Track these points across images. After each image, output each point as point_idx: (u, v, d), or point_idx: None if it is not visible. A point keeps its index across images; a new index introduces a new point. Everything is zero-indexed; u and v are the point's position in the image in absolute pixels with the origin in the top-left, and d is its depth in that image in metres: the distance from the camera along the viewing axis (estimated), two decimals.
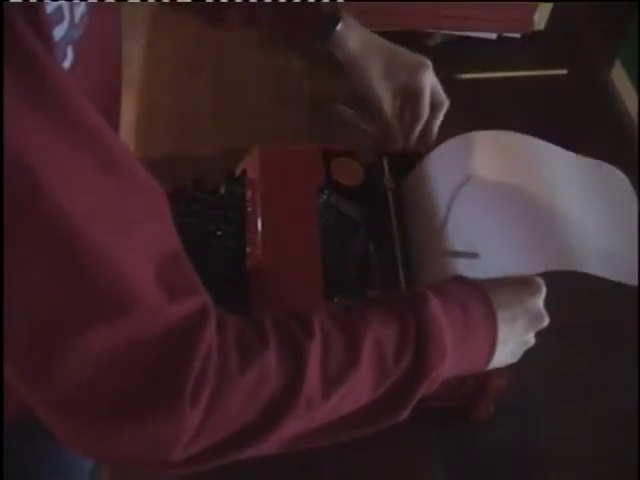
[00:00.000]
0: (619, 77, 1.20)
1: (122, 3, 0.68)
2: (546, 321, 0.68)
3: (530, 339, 0.69)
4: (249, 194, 0.86)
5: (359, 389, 0.57)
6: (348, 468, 0.79)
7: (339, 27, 0.84)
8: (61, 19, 0.49)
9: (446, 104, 0.88)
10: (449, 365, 0.60)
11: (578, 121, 1.10)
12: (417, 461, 0.80)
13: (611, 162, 1.07)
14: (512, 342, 0.66)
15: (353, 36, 0.85)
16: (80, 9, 0.53)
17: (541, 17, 1.18)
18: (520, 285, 0.67)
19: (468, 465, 0.81)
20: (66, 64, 0.52)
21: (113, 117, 0.72)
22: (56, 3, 0.48)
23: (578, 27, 1.25)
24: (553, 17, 1.18)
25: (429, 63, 0.86)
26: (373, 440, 0.75)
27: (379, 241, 0.84)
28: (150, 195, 0.52)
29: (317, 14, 0.84)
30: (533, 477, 0.81)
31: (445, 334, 0.59)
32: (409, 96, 0.86)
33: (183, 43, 0.91)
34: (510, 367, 0.74)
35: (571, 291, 0.91)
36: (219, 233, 0.85)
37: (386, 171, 0.89)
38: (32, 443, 0.75)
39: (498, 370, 0.74)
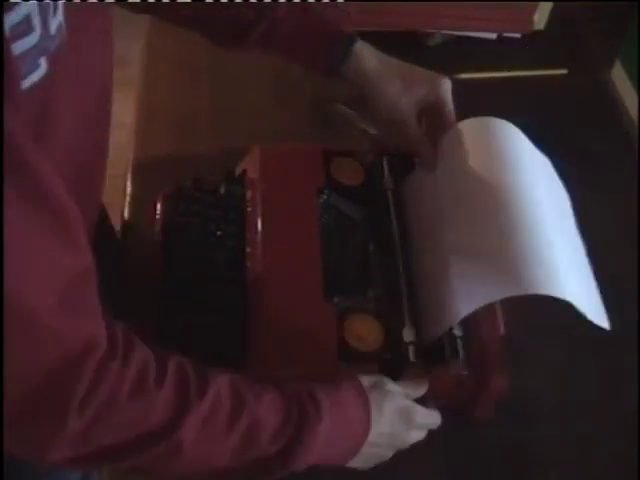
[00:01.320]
0: (619, 77, 1.20)
1: (115, 5, 0.68)
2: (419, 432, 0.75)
3: (403, 444, 0.74)
4: (249, 194, 0.86)
5: (219, 455, 0.63)
6: (348, 468, 0.79)
7: (356, 46, 0.83)
8: (28, 30, 0.49)
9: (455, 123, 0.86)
10: (305, 464, 0.66)
11: (578, 121, 1.10)
12: (417, 461, 0.80)
13: (611, 162, 1.07)
14: (381, 446, 0.72)
15: (369, 56, 0.84)
16: (57, 20, 0.53)
17: (541, 17, 1.18)
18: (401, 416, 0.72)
19: (468, 465, 0.81)
20: (37, 76, 0.52)
21: (104, 119, 0.72)
22: (23, 13, 0.48)
23: (578, 27, 1.25)
24: (553, 17, 1.18)
25: (446, 78, 0.85)
26: None
27: (379, 241, 0.84)
28: (59, 217, 0.52)
29: (333, 36, 0.83)
30: (533, 477, 0.81)
31: (314, 452, 0.65)
32: (432, 109, 0.85)
33: (183, 43, 0.91)
34: (510, 367, 0.75)
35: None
36: (219, 233, 0.85)
37: (386, 171, 0.89)
38: None
39: (498, 370, 0.74)
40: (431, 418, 0.75)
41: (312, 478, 0.78)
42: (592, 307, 0.72)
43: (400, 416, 0.72)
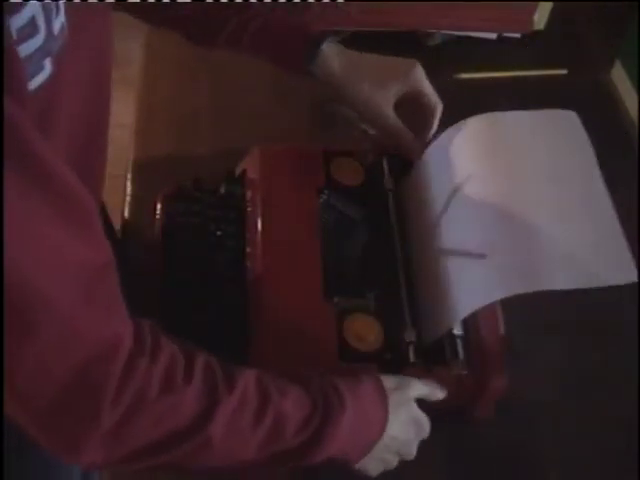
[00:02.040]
0: (619, 77, 1.20)
1: (113, 5, 0.68)
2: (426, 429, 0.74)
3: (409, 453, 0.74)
4: (249, 194, 0.86)
5: (245, 449, 0.63)
6: (346, 467, 0.79)
7: (324, 47, 0.83)
8: (34, 32, 0.50)
9: (440, 107, 0.86)
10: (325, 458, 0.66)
11: None
12: (417, 461, 0.80)
13: (611, 162, 1.07)
14: (388, 454, 0.72)
15: (337, 55, 0.84)
16: (59, 20, 0.53)
17: (541, 17, 1.18)
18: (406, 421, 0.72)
19: (468, 465, 0.81)
20: (42, 77, 0.52)
21: (103, 118, 0.72)
22: (28, 15, 0.48)
23: (578, 27, 1.25)
24: (553, 17, 1.18)
25: (417, 63, 0.85)
26: None
27: (379, 241, 0.84)
28: (77, 210, 0.52)
29: (300, 36, 0.84)
30: (533, 477, 0.81)
31: (336, 444, 0.65)
32: (410, 98, 0.85)
33: (183, 43, 0.91)
34: (510, 367, 0.75)
35: (571, 290, 0.92)
36: (219, 233, 0.85)
37: (386, 171, 0.89)
38: (20, 442, 0.76)
39: (498, 370, 0.74)
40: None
41: (312, 477, 0.78)
42: (606, 269, 0.70)
43: (414, 425, 0.72)
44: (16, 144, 0.46)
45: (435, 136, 0.87)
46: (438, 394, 0.74)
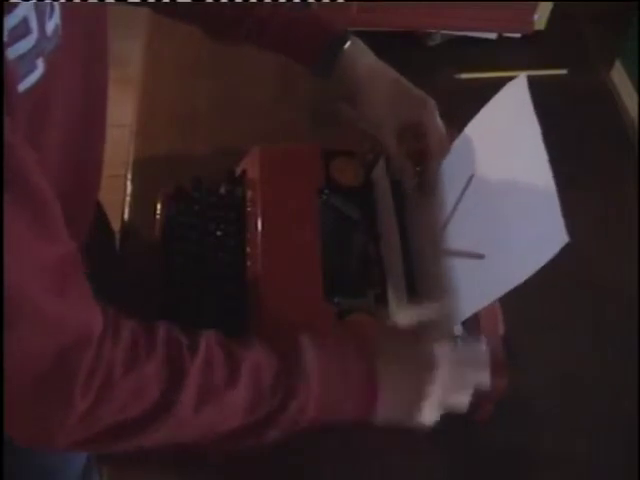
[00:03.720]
0: (619, 77, 1.20)
1: (110, 5, 0.68)
2: (441, 365, 0.67)
3: (426, 386, 0.67)
4: (249, 194, 0.86)
5: (232, 410, 0.62)
6: (348, 468, 0.79)
7: (347, 46, 0.82)
8: (26, 32, 0.50)
9: (449, 147, 0.84)
10: (317, 401, 0.64)
11: (578, 121, 1.10)
12: (417, 461, 0.80)
13: (611, 162, 1.07)
14: (401, 383, 0.67)
15: (361, 58, 0.83)
16: (53, 21, 0.53)
17: (541, 17, 1.18)
18: (399, 330, 0.70)
19: (468, 465, 0.81)
20: (35, 76, 0.53)
21: (99, 116, 0.72)
22: (20, 16, 0.49)
23: (578, 27, 1.25)
24: (553, 17, 1.18)
25: (433, 102, 0.83)
26: (373, 439, 0.75)
27: (379, 241, 0.84)
28: (38, 205, 0.52)
29: (327, 33, 0.83)
30: (533, 477, 0.81)
31: (315, 375, 0.63)
32: (415, 129, 0.84)
33: (183, 43, 0.91)
34: (510, 367, 0.75)
35: (571, 291, 0.92)
36: (219, 233, 0.85)
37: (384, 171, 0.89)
38: (17, 446, 0.76)
39: (498, 370, 0.74)
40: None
41: (313, 478, 0.78)
42: (542, 245, 0.68)
43: (413, 356, 0.69)
44: None
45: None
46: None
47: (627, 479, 0.80)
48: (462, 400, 0.70)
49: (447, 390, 0.68)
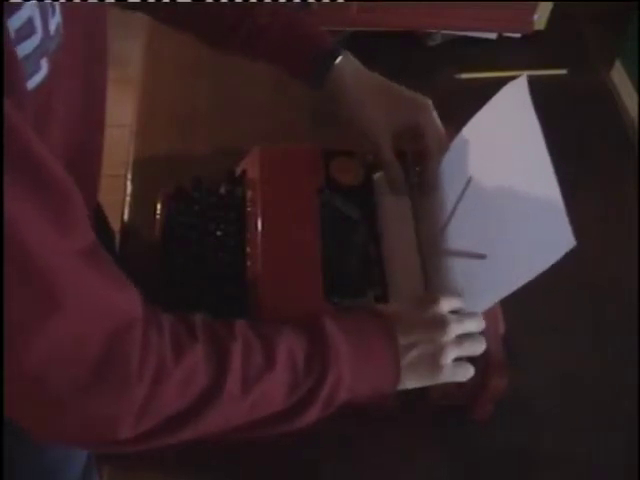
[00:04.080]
0: (619, 77, 1.20)
1: (128, 4, 0.69)
2: (451, 324, 0.70)
3: (441, 344, 0.70)
4: (249, 194, 0.86)
5: (274, 390, 0.63)
6: (348, 466, 0.79)
7: (338, 61, 0.83)
8: (31, 32, 0.50)
9: (447, 148, 0.85)
10: (348, 380, 0.65)
11: (578, 121, 1.10)
12: (417, 460, 0.80)
13: (611, 162, 1.07)
14: (417, 350, 0.69)
15: (351, 72, 0.83)
16: (55, 20, 0.53)
17: (541, 17, 1.18)
18: (414, 302, 0.73)
19: (468, 465, 0.81)
20: (39, 76, 0.53)
21: (99, 116, 0.72)
22: (25, 16, 0.49)
23: (578, 27, 1.25)
24: (553, 17, 1.18)
25: (429, 102, 0.84)
26: (373, 439, 0.75)
27: (379, 241, 0.84)
28: (65, 193, 0.52)
29: (317, 47, 0.84)
30: (532, 477, 0.81)
31: (341, 347, 0.65)
32: (412, 133, 0.84)
33: (183, 43, 0.91)
34: (510, 367, 0.75)
35: (571, 291, 0.92)
36: (219, 233, 0.85)
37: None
38: (18, 445, 0.76)
39: (498, 370, 0.74)
40: (466, 323, 0.72)
41: (312, 476, 0.78)
42: (549, 247, 0.69)
43: (429, 321, 0.71)
44: (14, 145, 0.46)
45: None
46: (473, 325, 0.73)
47: (627, 479, 0.80)
48: (478, 347, 0.72)
49: (460, 342, 0.71)
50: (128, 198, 0.98)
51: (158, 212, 0.88)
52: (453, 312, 0.73)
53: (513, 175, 0.76)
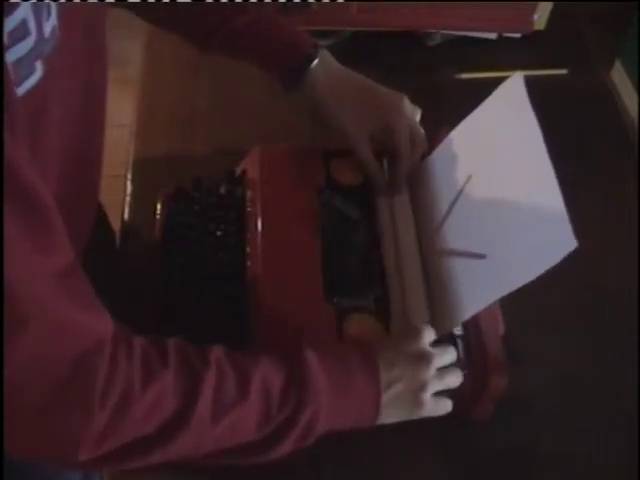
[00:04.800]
0: (619, 77, 1.20)
1: (115, 3, 0.69)
2: (434, 360, 0.71)
3: (423, 380, 0.70)
4: (249, 194, 0.86)
5: (244, 423, 0.62)
6: (348, 468, 0.79)
7: (313, 65, 0.83)
8: (25, 35, 0.50)
9: (423, 145, 0.86)
10: (326, 414, 0.65)
11: (578, 121, 1.10)
12: (417, 461, 0.80)
13: (611, 162, 1.07)
14: (399, 385, 0.69)
15: (325, 77, 0.84)
16: (50, 23, 0.53)
17: (541, 17, 1.18)
18: (398, 336, 0.73)
19: (468, 465, 0.81)
20: (34, 79, 0.53)
21: (99, 116, 0.72)
22: (19, 19, 0.49)
23: (578, 27, 1.25)
24: (553, 17, 1.18)
25: (404, 99, 0.84)
26: (373, 440, 0.75)
27: (379, 241, 0.84)
28: (41, 217, 0.52)
29: (294, 50, 0.84)
30: (532, 477, 0.81)
31: (321, 389, 0.65)
32: (386, 136, 0.85)
33: (183, 43, 0.91)
34: (510, 367, 0.75)
35: (571, 291, 0.92)
36: (219, 233, 0.85)
37: (386, 171, 0.89)
38: None
39: (498, 370, 0.74)
40: (446, 356, 0.73)
41: (313, 478, 0.78)
42: (550, 248, 0.69)
43: (413, 356, 0.71)
44: None
45: (439, 139, 0.87)
46: (445, 359, 0.73)
47: (627, 479, 0.80)
48: (456, 379, 0.73)
49: (441, 376, 0.71)
50: (128, 198, 0.98)
51: (158, 212, 0.88)
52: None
53: (513, 175, 0.76)
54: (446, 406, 0.73)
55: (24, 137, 0.50)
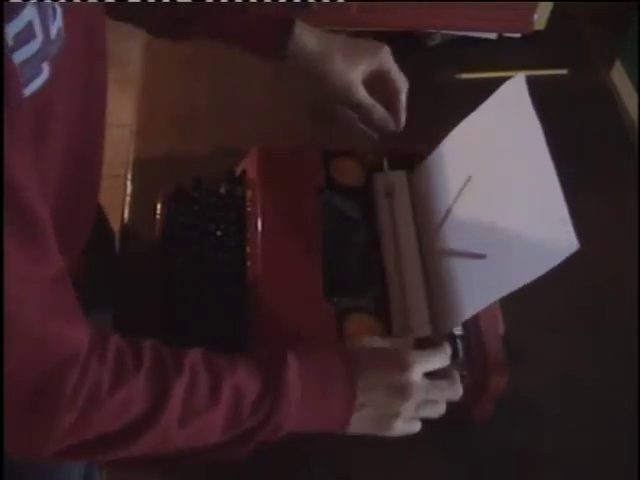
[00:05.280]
0: (619, 77, 1.20)
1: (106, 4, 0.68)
2: (413, 395, 0.70)
3: (397, 411, 0.70)
4: (249, 194, 0.86)
5: (210, 429, 0.64)
6: (348, 468, 0.79)
7: (295, 30, 0.84)
8: (31, 37, 0.50)
9: (406, 86, 0.88)
10: (295, 422, 0.66)
11: (578, 121, 1.10)
12: (417, 461, 0.80)
13: (611, 162, 1.07)
14: (370, 409, 0.69)
15: (310, 37, 0.85)
16: (56, 24, 0.53)
17: (541, 17, 1.18)
18: (387, 359, 0.71)
19: (468, 465, 0.81)
20: (40, 80, 0.53)
21: (99, 116, 0.72)
22: (25, 21, 0.49)
23: (578, 27, 1.25)
24: (553, 17, 1.18)
25: (385, 45, 0.87)
26: (372, 439, 0.75)
27: (379, 241, 0.84)
28: (28, 226, 0.52)
29: (272, 22, 0.85)
30: (533, 477, 0.81)
31: (292, 403, 0.65)
32: (378, 78, 0.87)
33: (183, 43, 0.91)
34: (510, 367, 0.75)
35: (571, 291, 0.92)
36: (219, 233, 0.85)
37: (386, 170, 0.89)
38: None
39: (498, 370, 0.74)
40: (434, 362, 0.72)
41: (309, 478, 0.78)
42: (552, 249, 0.69)
43: (394, 388, 0.70)
44: None
45: (439, 139, 0.87)
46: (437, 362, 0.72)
47: (627, 479, 0.80)
48: (435, 412, 0.73)
49: (418, 408, 0.71)
50: (128, 198, 0.98)
51: (158, 212, 0.88)
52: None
53: (513, 175, 0.76)
54: (414, 429, 0.73)
55: (29, 139, 0.50)
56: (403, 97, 0.88)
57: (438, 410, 0.73)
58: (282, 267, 0.80)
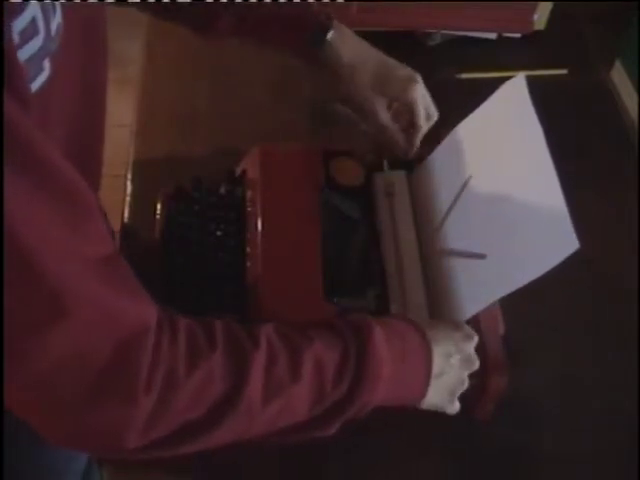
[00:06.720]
0: (619, 77, 1.20)
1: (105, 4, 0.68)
2: (476, 365, 0.72)
3: (465, 379, 0.71)
4: (249, 194, 0.86)
5: (296, 405, 0.61)
6: (351, 466, 0.79)
7: (330, 35, 0.84)
8: (35, 33, 0.50)
9: (435, 117, 0.88)
10: (382, 394, 0.64)
11: (578, 121, 1.10)
12: (419, 460, 0.80)
13: (611, 162, 1.07)
14: (447, 376, 0.70)
15: (344, 46, 0.85)
16: (56, 20, 0.53)
17: (541, 17, 1.18)
18: (453, 327, 0.72)
19: (469, 464, 0.81)
20: (43, 77, 0.53)
21: (99, 116, 0.72)
22: (29, 17, 0.48)
23: (578, 27, 1.25)
24: (553, 17, 1.18)
25: (419, 78, 0.86)
26: (375, 439, 0.75)
27: (379, 241, 0.84)
28: (80, 206, 0.52)
29: (308, 23, 0.84)
30: (533, 477, 0.81)
31: (384, 364, 0.63)
32: (402, 109, 0.86)
33: (183, 43, 0.91)
34: (510, 367, 0.75)
35: (571, 291, 0.92)
36: (219, 233, 0.85)
37: (386, 170, 0.89)
38: (18, 445, 0.76)
39: (498, 370, 0.74)
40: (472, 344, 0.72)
41: (317, 476, 0.78)
42: (552, 248, 0.69)
43: (467, 357, 0.71)
44: (19, 147, 0.46)
45: (439, 139, 0.87)
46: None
47: (627, 479, 0.80)
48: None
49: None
50: (128, 198, 0.98)
51: (158, 212, 0.88)
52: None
53: (514, 175, 0.76)
54: (458, 407, 0.73)
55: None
56: (423, 131, 0.87)
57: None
58: (282, 267, 0.80)
